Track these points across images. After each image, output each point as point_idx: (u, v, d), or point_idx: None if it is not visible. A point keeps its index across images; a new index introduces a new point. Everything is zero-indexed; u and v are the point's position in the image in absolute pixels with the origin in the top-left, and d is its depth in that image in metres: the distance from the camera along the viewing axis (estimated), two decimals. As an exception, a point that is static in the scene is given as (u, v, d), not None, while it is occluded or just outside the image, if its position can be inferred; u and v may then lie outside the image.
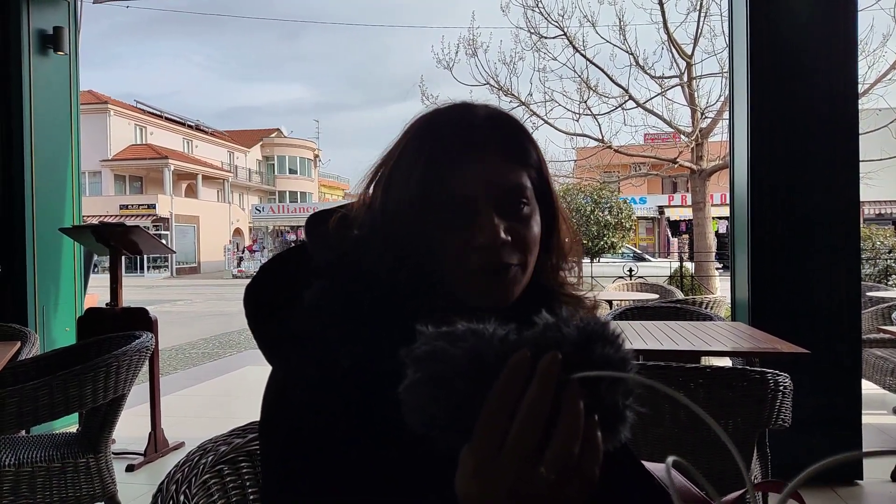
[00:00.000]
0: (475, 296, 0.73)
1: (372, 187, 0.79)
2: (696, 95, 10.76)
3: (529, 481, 0.47)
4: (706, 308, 4.38)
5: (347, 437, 0.66)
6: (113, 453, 2.64)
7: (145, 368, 2.90)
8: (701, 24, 10.18)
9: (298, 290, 0.73)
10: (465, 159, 0.74)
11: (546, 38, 11.04)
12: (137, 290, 21.52)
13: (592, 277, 11.59)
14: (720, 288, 10.70)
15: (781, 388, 1.93)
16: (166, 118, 39.67)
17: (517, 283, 0.74)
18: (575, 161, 14.43)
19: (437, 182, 0.73)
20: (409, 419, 0.50)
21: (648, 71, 10.78)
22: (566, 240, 0.83)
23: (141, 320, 3.80)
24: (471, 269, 0.72)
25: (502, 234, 0.72)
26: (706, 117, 10.95)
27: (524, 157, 0.77)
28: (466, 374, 0.48)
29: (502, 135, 0.77)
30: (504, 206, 0.74)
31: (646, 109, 11.09)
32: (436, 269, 0.73)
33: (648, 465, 0.83)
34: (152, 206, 33.76)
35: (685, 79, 10.74)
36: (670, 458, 0.46)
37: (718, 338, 2.83)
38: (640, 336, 2.85)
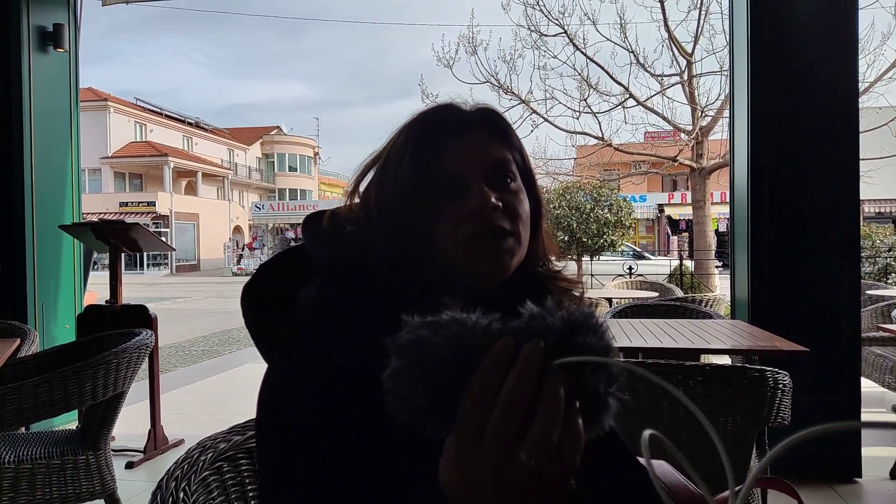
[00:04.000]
0: (471, 266, 0.74)
1: (364, 185, 0.81)
2: (696, 93, 10.76)
3: (510, 468, 0.47)
4: (706, 306, 4.38)
5: (344, 433, 0.66)
6: (112, 450, 2.64)
7: (145, 366, 2.91)
8: (701, 22, 10.19)
9: (295, 289, 0.74)
10: (451, 138, 0.77)
11: (546, 35, 11.06)
12: (137, 287, 21.51)
13: (592, 275, 11.60)
14: (720, 286, 10.70)
15: (781, 385, 1.93)
16: (166, 115, 39.62)
17: (512, 253, 0.75)
18: (575, 159, 14.44)
19: (426, 162, 0.75)
20: (392, 407, 0.50)
21: (649, 69, 10.80)
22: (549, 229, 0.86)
23: (140, 318, 3.80)
24: (464, 236, 0.73)
25: (493, 200, 0.74)
26: (706, 115, 10.96)
27: (507, 139, 0.81)
28: (448, 363, 0.49)
29: (486, 119, 0.81)
30: (493, 178, 0.76)
31: (646, 107, 11.10)
32: (431, 254, 0.74)
33: (644, 461, 0.83)
34: (152, 204, 33.72)
35: (685, 77, 10.75)
36: (647, 432, 0.46)
37: (718, 336, 2.84)
38: (639, 334, 2.85)
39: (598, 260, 13.33)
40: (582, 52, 10.85)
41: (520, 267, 0.79)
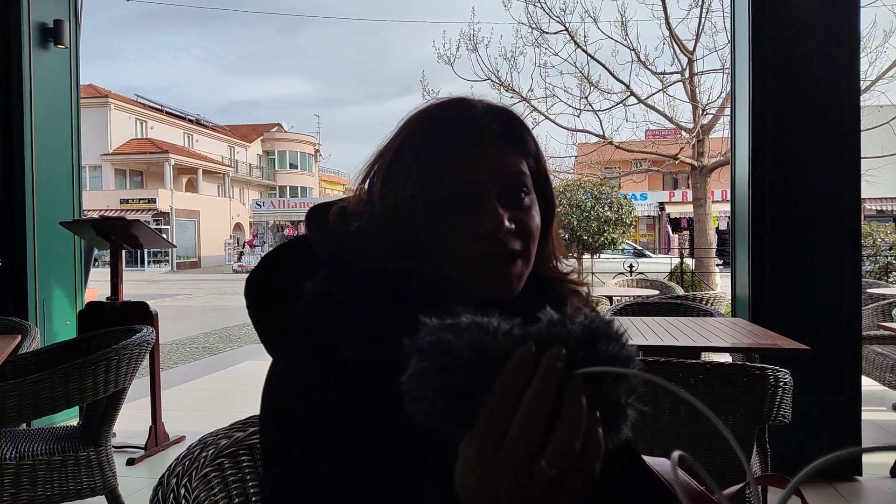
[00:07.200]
0: (479, 283, 0.73)
1: (369, 180, 0.79)
2: (697, 91, 10.74)
3: (530, 475, 0.47)
4: (706, 304, 4.38)
5: (348, 429, 0.66)
6: (113, 447, 2.65)
7: (146, 362, 2.91)
8: (703, 20, 10.17)
9: (300, 281, 0.73)
10: (466, 147, 0.74)
11: (547, 33, 11.04)
12: (138, 284, 21.52)
13: (593, 273, 11.60)
14: (720, 284, 10.70)
15: (781, 384, 1.93)
16: (167, 112, 39.61)
17: (521, 277, 0.75)
18: (576, 157, 14.44)
19: (440, 169, 0.73)
20: (411, 409, 0.50)
21: (650, 67, 10.78)
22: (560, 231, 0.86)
23: (141, 314, 3.80)
24: (475, 255, 0.72)
25: (507, 223, 0.72)
26: (707, 113, 10.94)
27: (523, 146, 0.79)
28: (470, 366, 0.48)
29: (501, 124, 0.78)
30: (506, 193, 0.75)
31: (647, 105, 11.08)
32: (438, 258, 0.73)
33: (649, 459, 0.83)
34: (153, 201, 33.72)
35: (687, 75, 10.73)
36: (675, 454, 0.46)
37: (719, 334, 2.84)
38: (640, 332, 2.85)
39: (599, 258, 13.34)
40: (583, 50, 10.84)
41: None
